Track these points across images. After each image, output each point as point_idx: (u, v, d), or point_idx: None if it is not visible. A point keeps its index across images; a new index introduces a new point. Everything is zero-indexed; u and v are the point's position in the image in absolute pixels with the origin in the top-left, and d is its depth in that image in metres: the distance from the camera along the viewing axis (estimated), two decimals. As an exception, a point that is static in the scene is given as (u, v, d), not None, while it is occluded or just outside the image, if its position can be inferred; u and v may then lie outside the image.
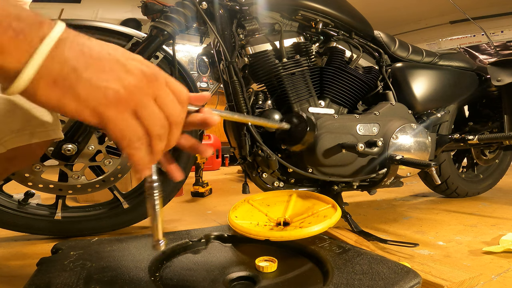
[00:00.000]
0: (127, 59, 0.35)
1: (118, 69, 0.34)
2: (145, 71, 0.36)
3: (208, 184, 1.99)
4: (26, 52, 0.30)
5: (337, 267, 0.64)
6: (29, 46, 0.30)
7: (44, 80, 0.31)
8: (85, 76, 0.32)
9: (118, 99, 0.34)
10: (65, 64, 0.31)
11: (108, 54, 0.34)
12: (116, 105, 0.34)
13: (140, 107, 0.35)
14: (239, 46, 1.05)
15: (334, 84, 1.12)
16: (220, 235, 0.83)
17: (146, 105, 0.36)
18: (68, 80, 0.31)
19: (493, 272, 0.84)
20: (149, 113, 0.36)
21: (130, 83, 0.34)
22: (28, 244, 1.09)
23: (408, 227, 1.25)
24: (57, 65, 0.31)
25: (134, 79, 0.35)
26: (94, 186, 1.12)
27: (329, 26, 1.17)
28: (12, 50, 0.30)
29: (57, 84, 0.31)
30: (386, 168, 1.05)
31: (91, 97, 0.32)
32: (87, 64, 0.32)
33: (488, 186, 1.83)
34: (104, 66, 0.33)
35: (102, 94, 0.33)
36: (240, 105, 1.01)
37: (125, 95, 0.34)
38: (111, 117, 0.34)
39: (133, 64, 0.36)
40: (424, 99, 1.29)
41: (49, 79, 0.31)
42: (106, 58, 0.34)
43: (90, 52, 0.33)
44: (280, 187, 1.07)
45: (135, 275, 0.61)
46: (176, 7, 1.00)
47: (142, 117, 0.36)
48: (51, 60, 0.31)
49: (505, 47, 4.32)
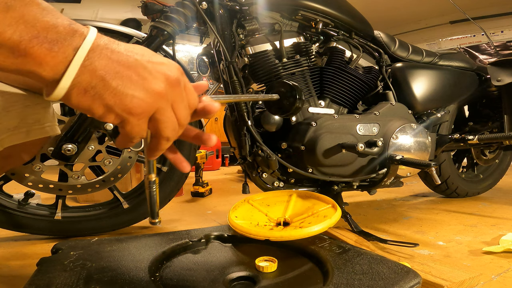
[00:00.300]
0: (153, 65, 0.37)
1: (144, 76, 0.35)
2: (169, 77, 0.37)
3: (208, 184, 1.99)
4: (61, 63, 0.32)
5: (337, 267, 0.64)
6: (64, 57, 0.32)
7: (76, 89, 0.33)
8: (112, 85, 0.34)
9: (142, 107, 0.35)
10: (95, 74, 0.33)
11: (135, 60, 0.35)
12: (138, 114, 0.35)
13: (158, 113, 0.37)
14: (239, 46, 1.05)
15: (334, 84, 1.12)
16: (220, 235, 0.83)
17: (165, 110, 0.37)
18: (97, 89, 0.33)
19: (493, 272, 0.84)
20: (165, 118, 0.38)
21: (154, 91, 0.36)
22: (28, 244, 1.09)
23: (408, 227, 1.25)
24: (88, 75, 0.33)
25: (159, 86, 0.36)
26: (94, 186, 1.12)
27: (329, 26, 1.17)
28: (49, 61, 0.31)
29: (87, 93, 0.33)
30: (386, 168, 1.05)
31: (117, 104, 0.34)
32: (115, 72, 0.34)
33: (488, 186, 1.83)
34: (131, 74, 0.35)
35: (128, 102, 0.34)
36: (240, 105, 1.01)
37: (148, 103, 0.36)
38: (131, 121, 0.36)
39: (159, 69, 0.37)
40: (424, 99, 1.29)
41: (81, 89, 0.33)
42: (134, 65, 0.35)
43: (118, 59, 0.34)
44: (280, 187, 1.07)
45: (135, 275, 0.61)
46: (176, 7, 1.00)
47: (159, 120, 0.37)
48: (83, 71, 0.33)
49: (505, 47, 4.32)
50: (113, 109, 0.34)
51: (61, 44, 0.32)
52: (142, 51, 0.37)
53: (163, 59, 0.38)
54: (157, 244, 0.75)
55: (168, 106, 0.38)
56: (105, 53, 0.34)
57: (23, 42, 0.30)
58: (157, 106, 0.36)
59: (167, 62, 0.38)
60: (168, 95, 0.37)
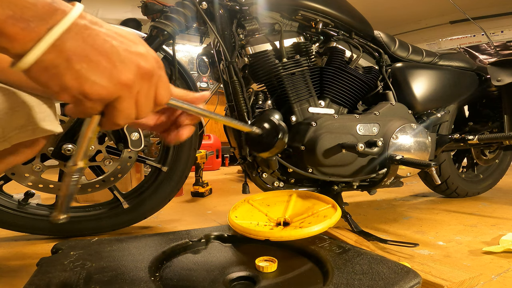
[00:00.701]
0: (129, 54, 0.36)
1: (115, 64, 0.35)
2: (141, 68, 0.37)
3: (208, 184, 1.99)
4: (31, 41, 0.32)
5: (337, 267, 0.64)
6: (36, 35, 0.32)
7: (37, 66, 0.33)
8: (76, 67, 0.33)
9: (100, 94, 0.35)
10: (61, 54, 0.33)
11: (111, 46, 0.35)
12: (95, 100, 0.35)
13: (117, 102, 0.36)
14: (239, 46, 1.05)
15: (334, 84, 1.12)
16: (220, 235, 0.83)
17: (124, 101, 0.37)
18: (58, 68, 0.33)
19: (493, 272, 0.84)
20: (122, 108, 0.37)
21: (119, 80, 0.35)
22: (28, 244, 1.09)
23: (408, 227, 1.25)
24: (53, 55, 0.32)
25: (126, 77, 0.36)
26: (94, 186, 1.12)
27: (329, 26, 1.17)
28: (20, 39, 0.31)
29: (47, 71, 0.33)
30: (386, 168, 1.05)
31: (75, 87, 0.34)
32: (84, 55, 0.33)
33: (488, 186, 1.83)
34: (100, 60, 0.34)
35: (87, 87, 0.34)
36: (240, 105, 1.01)
37: (109, 91, 0.35)
38: (85, 104, 0.35)
39: (133, 59, 0.36)
40: (424, 99, 1.29)
41: (42, 66, 0.33)
42: (107, 51, 0.35)
43: (93, 43, 0.34)
44: (280, 187, 1.07)
45: (135, 275, 0.61)
46: (176, 7, 1.00)
47: (115, 108, 0.37)
48: (50, 50, 0.32)
49: (505, 47, 4.32)
50: (70, 90, 0.34)
51: (37, 23, 0.32)
52: (124, 38, 0.37)
53: (143, 50, 0.38)
54: (157, 244, 0.75)
55: (130, 98, 0.37)
56: (81, 35, 0.33)
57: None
58: (118, 95, 0.36)
59: (146, 53, 0.38)
60: (135, 86, 0.37)
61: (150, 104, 0.40)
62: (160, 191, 1.20)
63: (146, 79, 0.37)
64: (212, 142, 3.32)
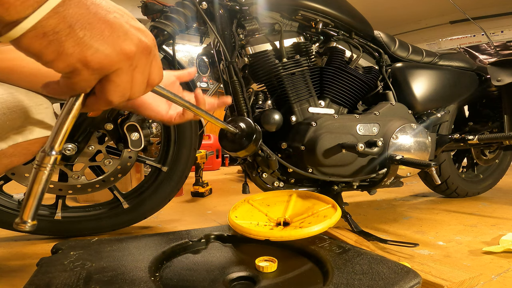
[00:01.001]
0: (131, 27, 0.35)
1: (118, 34, 0.34)
2: (142, 42, 0.36)
3: (208, 184, 1.99)
4: (30, 7, 0.30)
5: (337, 267, 0.64)
6: (35, 2, 0.30)
7: (34, 32, 0.31)
8: (79, 34, 0.32)
9: (102, 62, 0.33)
10: (64, 20, 0.31)
11: (114, 17, 0.34)
12: (94, 69, 0.33)
13: (115, 74, 0.35)
14: (239, 46, 1.05)
15: (334, 84, 1.12)
16: (220, 235, 0.83)
17: (124, 73, 0.35)
18: (59, 35, 0.31)
19: (493, 272, 0.84)
20: (119, 82, 0.36)
21: (122, 50, 0.34)
22: (28, 244, 1.09)
23: (408, 227, 1.25)
24: (55, 20, 0.31)
25: (129, 48, 0.35)
26: (94, 186, 1.12)
27: (329, 26, 1.17)
28: (17, 5, 0.29)
29: (45, 37, 0.31)
30: (386, 168, 1.05)
31: (75, 53, 0.32)
32: (88, 23, 0.32)
33: (488, 186, 1.83)
34: (104, 28, 0.33)
35: (89, 53, 0.32)
36: (240, 105, 1.01)
37: (112, 60, 0.34)
38: (83, 74, 0.33)
39: (135, 32, 0.36)
40: (424, 99, 1.29)
41: (40, 32, 0.31)
42: (111, 21, 0.34)
43: (96, 11, 0.33)
44: (280, 187, 1.07)
45: (135, 275, 0.61)
46: (176, 7, 1.00)
47: (112, 82, 0.35)
48: (51, 15, 0.30)
49: (505, 47, 4.32)
50: (69, 57, 0.32)
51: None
52: (123, 12, 0.36)
53: (142, 26, 0.37)
54: (157, 244, 0.75)
55: (129, 71, 0.36)
56: (84, 2, 0.32)
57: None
58: (118, 66, 0.34)
59: (145, 29, 0.37)
60: (135, 59, 0.36)
61: (144, 82, 0.39)
62: (160, 191, 1.20)
63: (145, 54, 0.37)
64: (212, 142, 3.32)
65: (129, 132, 1.04)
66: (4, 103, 0.53)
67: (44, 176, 0.35)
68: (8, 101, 0.54)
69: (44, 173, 0.35)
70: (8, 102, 0.54)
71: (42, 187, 0.35)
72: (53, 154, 0.36)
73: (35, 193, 0.35)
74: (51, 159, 0.36)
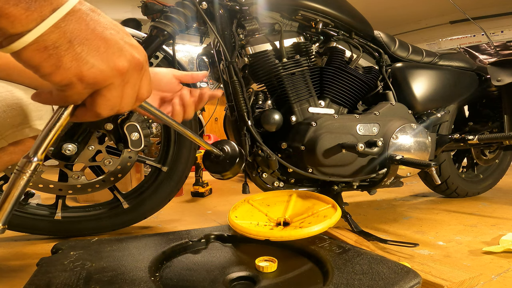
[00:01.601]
0: (125, 43, 0.37)
1: (113, 50, 0.35)
2: (135, 58, 0.37)
3: (208, 184, 1.99)
4: (34, 22, 0.31)
5: (337, 267, 0.64)
6: (39, 16, 0.31)
7: (36, 45, 0.32)
8: (77, 50, 0.33)
9: (97, 78, 0.34)
10: (64, 35, 0.32)
11: (110, 34, 0.35)
12: (88, 84, 0.34)
13: (107, 89, 0.36)
14: (239, 46, 1.05)
15: (334, 84, 1.12)
16: (220, 235, 0.83)
17: (115, 89, 0.37)
18: (59, 49, 0.32)
19: (493, 272, 0.84)
20: (110, 97, 0.37)
21: (116, 66, 0.35)
22: (28, 244, 1.09)
23: (408, 227, 1.25)
24: (56, 35, 0.32)
25: (122, 64, 0.36)
26: (94, 186, 1.12)
27: (329, 26, 1.17)
28: (22, 19, 0.30)
29: (46, 51, 0.32)
30: (386, 168, 1.05)
31: (72, 68, 0.33)
32: (85, 39, 0.34)
33: (488, 186, 1.83)
34: (100, 44, 0.34)
35: (85, 69, 0.34)
36: (240, 105, 1.01)
37: (105, 76, 0.35)
38: (77, 88, 0.34)
39: (129, 49, 0.37)
40: (424, 99, 1.29)
41: (41, 45, 0.32)
42: (107, 38, 0.35)
43: (94, 28, 0.34)
44: (280, 187, 1.07)
45: (135, 275, 0.61)
46: (176, 7, 1.00)
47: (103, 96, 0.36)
48: (53, 30, 0.32)
49: (505, 47, 4.32)
50: (66, 72, 0.33)
51: (40, 4, 0.31)
52: (118, 28, 0.37)
53: (135, 42, 0.38)
54: (157, 244, 0.75)
55: (120, 86, 0.37)
56: (84, 19, 0.34)
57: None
58: (111, 81, 0.36)
59: (138, 46, 0.38)
60: (127, 75, 0.37)
61: (134, 97, 0.40)
62: (160, 191, 1.20)
63: (137, 70, 0.38)
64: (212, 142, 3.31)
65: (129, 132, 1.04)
66: (4, 101, 0.53)
67: (23, 181, 0.35)
68: (8, 99, 0.54)
69: (23, 178, 0.35)
70: (8, 99, 0.54)
71: (19, 192, 0.35)
72: (34, 161, 0.36)
73: (11, 197, 0.35)
74: (32, 166, 0.36)
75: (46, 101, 0.37)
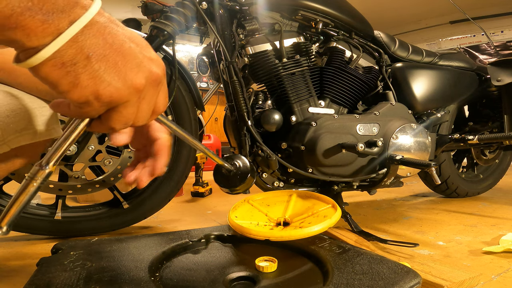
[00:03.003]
0: (144, 57, 0.35)
1: (131, 66, 0.34)
2: (153, 74, 0.36)
3: (208, 184, 1.99)
4: (50, 35, 0.30)
5: (337, 267, 0.64)
6: (56, 29, 0.30)
7: (54, 61, 0.31)
8: (94, 67, 0.32)
9: (113, 96, 0.33)
10: (82, 51, 0.31)
11: (129, 48, 0.34)
12: (104, 102, 0.34)
13: (123, 106, 0.35)
14: (239, 46, 1.05)
15: (334, 84, 1.12)
16: (220, 235, 0.83)
17: (131, 106, 0.36)
18: (76, 66, 0.31)
19: (493, 272, 0.84)
20: (126, 114, 0.36)
21: (133, 84, 0.34)
22: (28, 244, 1.09)
23: (408, 227, 1.25)
24: (73, 51, 0.31)
25: (139, 81, 0.35)
26: (94, 186, 1.12)
27: (329, 26, 1.17)
28: (38, 32, 0.29)
29: (64, 67, 0.31)
30: (386, 168, 1.05)
31: (89, 86, 0.32)
32: (103, 55, 0.32)
33: (488, 186, 1.83)
34: (118, 60, 0.33)
35: (102, 87, 0.32)
36: (240, 105, 1.01)
37: (121, 94, 0.34)
38: (93, 105, 0.33)
39: (147, 63, 0.36)
40: (424, 99, 1.29)
41: (59, 61, 0.31)
42: (126, 52, 0.34)
43: (113, 41, 0.33)
44: (280, 187, 1.07)
45: (135, 275, 0.61)
46: (176, 7, 1.00)
47: (119, 113, 0.35)
48: (71, 45, 0.31)
49: (505, 47, 4.33)
50: (82, 90, 0.32)
51: (57, 16, 0.30)
52: (139, 40, 0.36)
53: (154, 55, 0.37)
54: (157, 244, 0.75)
55: (137, 103, 0.36)
56: (102, 32, 0.32)
57: (14, 15, 0.28)
58: (127, 99, 0.35)
59: (157, 59, 0.37)
60: (144, 92, 0.36)
61: (150, 111, 0.39)
62: (160, 191, 1.20)
63: (154, 86, 0.37)
64: (212, 142, 3.32)
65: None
66: (8, 106, 0.53)
67: (33, 188, 0.35)
68: (12, 104, 0.54)
69: (33, 185, 0.35)
70: (12, 104, 0.53)
71: (27, 198, 0.35)
72: (47, 170, 0.36)
73: (19, 203, 0.35)
74: (44, 174, 0.36)
75: (64, 113, 0.37)
